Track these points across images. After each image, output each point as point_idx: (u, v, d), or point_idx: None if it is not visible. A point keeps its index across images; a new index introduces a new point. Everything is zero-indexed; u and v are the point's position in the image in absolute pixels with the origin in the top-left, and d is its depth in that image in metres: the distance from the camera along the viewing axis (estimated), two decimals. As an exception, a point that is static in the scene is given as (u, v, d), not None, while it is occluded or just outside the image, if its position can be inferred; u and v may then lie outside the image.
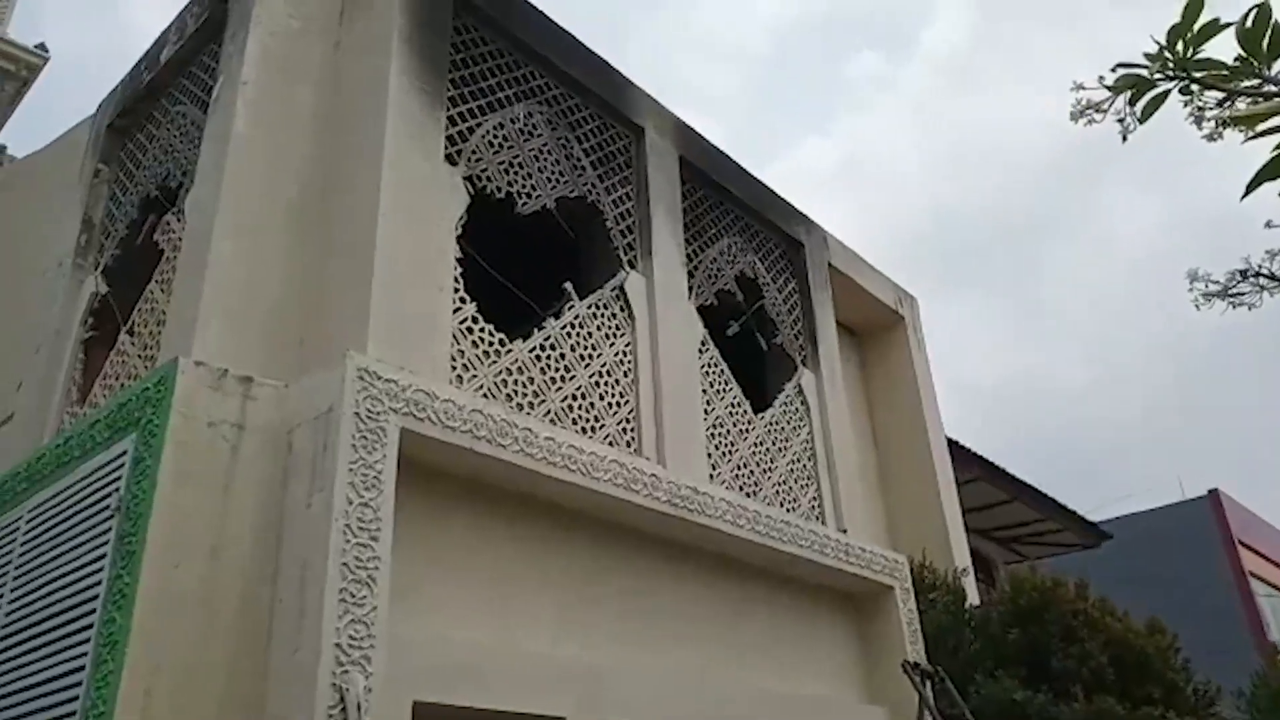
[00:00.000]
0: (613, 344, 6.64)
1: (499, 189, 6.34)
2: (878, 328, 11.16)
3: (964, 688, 7.30)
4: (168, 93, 6.95)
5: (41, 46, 13.50)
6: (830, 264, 9.71)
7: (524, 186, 6.54)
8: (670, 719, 5.65)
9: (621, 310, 6.85)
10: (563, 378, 6.12)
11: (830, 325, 9.14)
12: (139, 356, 5.72)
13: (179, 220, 5.89)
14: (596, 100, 7.41)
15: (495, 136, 6.45)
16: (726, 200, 8.55)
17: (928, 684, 6.92)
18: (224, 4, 6.40)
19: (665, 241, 7.39)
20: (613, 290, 6.84)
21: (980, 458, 12.82)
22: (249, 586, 4.31)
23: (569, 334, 6.33)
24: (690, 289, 7.55)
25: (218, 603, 4.21)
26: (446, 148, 5.98)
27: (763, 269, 8.66)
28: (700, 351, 7.38)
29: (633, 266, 7.08)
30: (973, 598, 9.37)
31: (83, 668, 4.07)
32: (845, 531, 7.71)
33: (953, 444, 11.28)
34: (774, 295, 8.66)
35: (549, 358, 6.09)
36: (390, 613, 4.25)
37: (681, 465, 6.45)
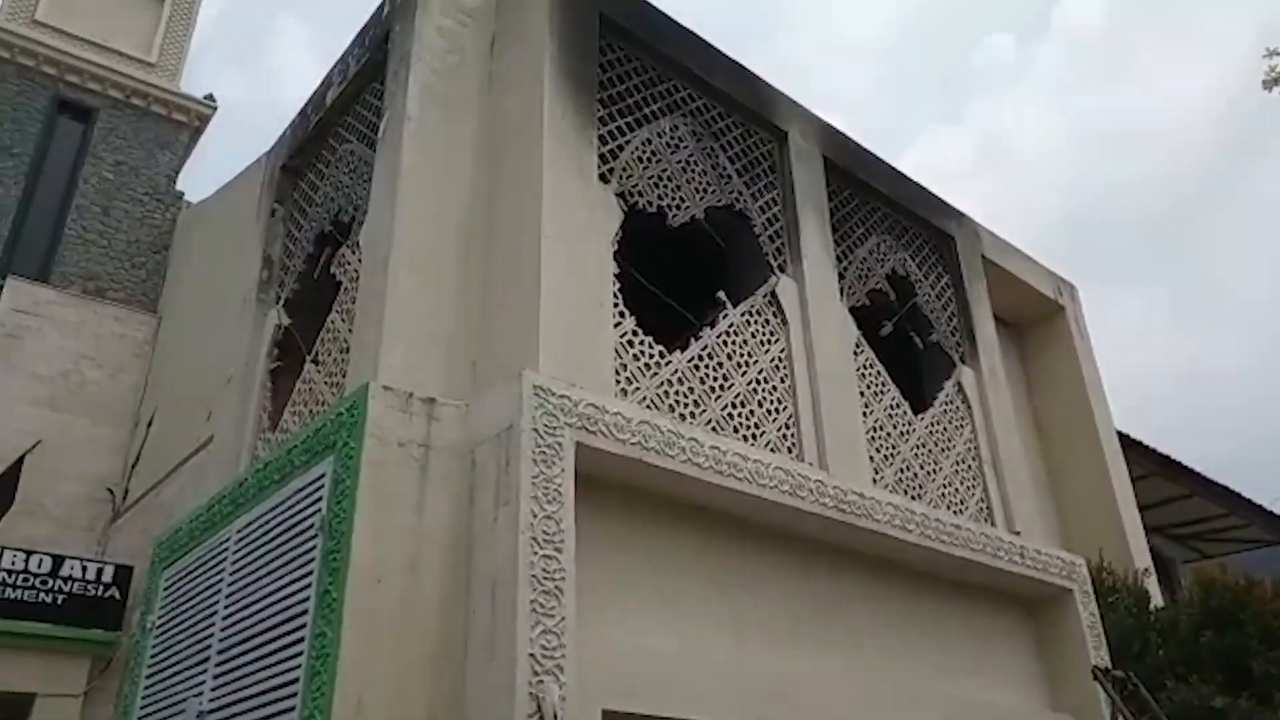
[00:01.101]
0: (768, 350, 6.63)
1: (650, 203, 6.44)
2: (1037, 319, 10.72)
3: (1154, 694, 6.93)
4: (334, 132, 7.37)
5: (210, 97, 14.51)
6: (983, 256, 9.41)
7: (674, 199, 6.62)
8: (852, 727, 5.59)
9: (774, 316, 6.84)
10: (721, 386, 6.16)
11: (987, 319, 8.86)
12: (325, 384, 6.08)
13: (354, 253, 6.23)
14: (740, 108, 7.43)
15: (644, 152, 6.56)
16: (873, 198, 8.42)
17: (1120, 691, 6.60)
18: (384, 45, 6.73)
19: (814, 244, 7.33)
20: (765, 296, 6.84)
21: (1154, 451, 12.12)
22: (445, 599, 4.52)
23: (725, 342, 6.36)
24: (841, 290, 7.47)
25: (417, 615, 4.44)
26: (599, 166, 6.12)
27: (914, 265, 8.47)
28: (855, 353, 7.29)
29: (783, 271, 7.06)
30: (1155, 599, 8.89)
31: (297, 679, 4.36)
32: (1018, 533, 7.45)
33: (1123, 438, 10.72)
34: (927, 292, 8.46)
35: (707, 367, 6.14)
36: (576, 623, 4.38)
37: (844, 470, 6.38)
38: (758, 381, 6.39)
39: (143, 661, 6.10)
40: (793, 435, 6.37)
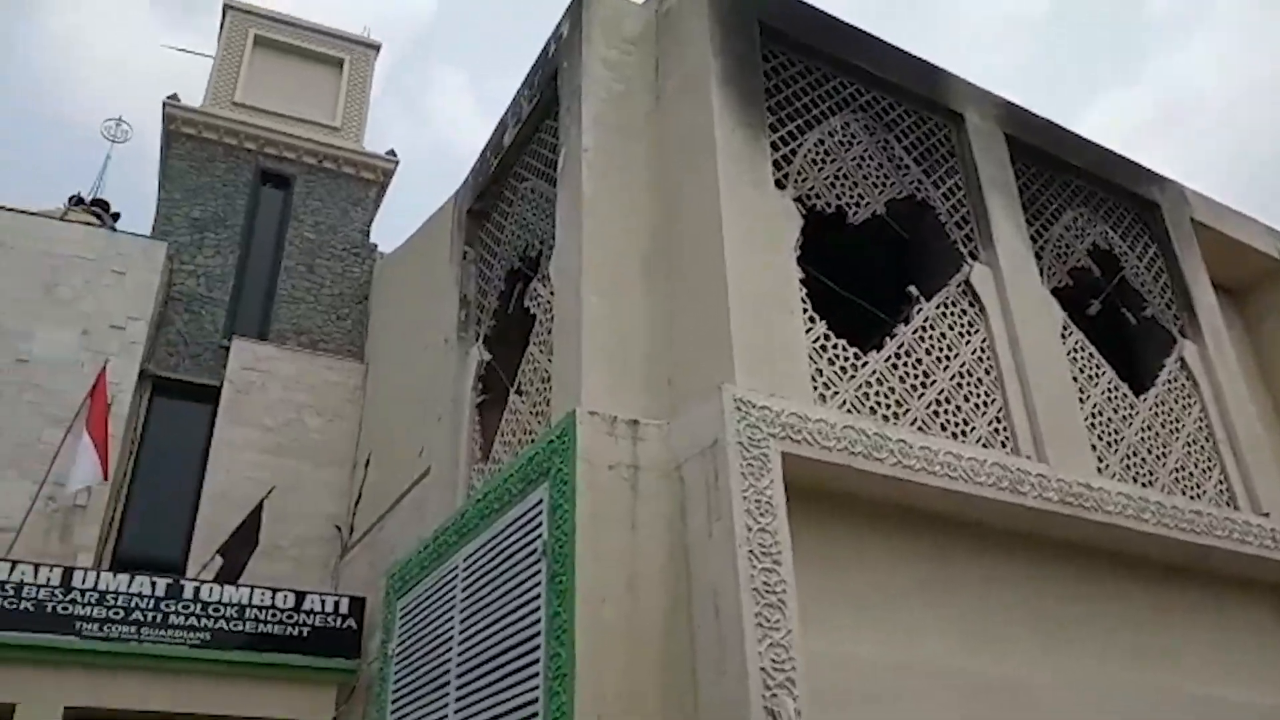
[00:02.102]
0: (968, 341, 6.38)
1: (829, 204, 6.36)
2: (1260, 281, 9.81)
3: None
4: (514, 172, 7.68)
5: (391, 152, 15.48)
6: (1192, 219, 8.71)
7: (852, 197, 6.50)
8: (1099, 732, 5.27)
9: (971, 305, 6.58)
10: (923, 383, 5.97)
11: (1206, 287, 8.20)
12: (530, 413, 6.31)
13: (545, 285, 6.46)
14: (910, 96, 7.23)
15: (817, 153, 6.48)
16: (1064, 172, 7.98)
17: None
18: (554, 83, 6.97)
19: (1005, 226, 7.01)
20: (958, 286, 6.60)
21: None
22: (667, 616, 4.59)
23: (921, 338, 6.17)
24: (1041, 271, 7.10)
25: (642, 633, 4.52)
26: (774, 173, 6.10)
27: (1117, 238, 7.96)
28: (1063, 336, 6.90)
29: (975, 258, 6.79)
30: None
31: (536, 700, 4.52)
32: (1267, 515, 6.82)
33: (1378, 402, 9.63)
34: (1134, 264, 7.93)
35: (906, 365, 5.97)
36: (802, 635, 4.34)
37: (1064, 460, 6.05)
38: (961, 375, 6.16)
39: (387, 687, 6.50)
40: (1005, 428, 6.10)
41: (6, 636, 8.29)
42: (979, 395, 6.17)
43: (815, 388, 5.45)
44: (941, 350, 6.20)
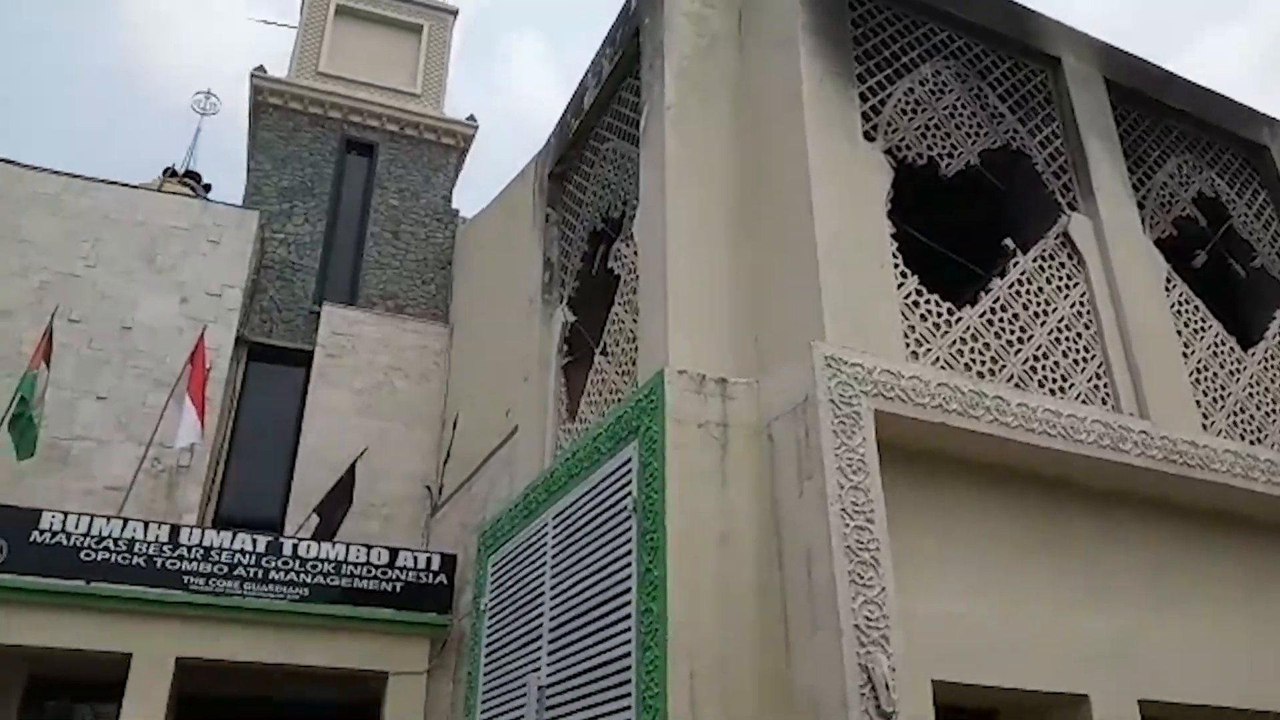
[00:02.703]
0: (1066, 295, 6.17)
1: (920, 155, 6.18)
2: (1382, 228, 9.26)
3: None
4: (596, 133, 7.65)
5: (471, 118, 15.57)
6: (1308, 163, 8.24)
7: (944, 147, 6.31)
8: (1209, 695, 5.12)
9: (1070, 258, 6.35)
10: (1020, 339, 5.80)
11: (1322, 235, 7.77)
12: (616, 373, 6.33)
13: (629, 245, 6.44)
14: (1004, 41, 6.96)
15: (908, 103, 6.30)
16: (1167, 116, 7.61)
17: None
18: (635, 40, 6.90)
19: (1106, 174, 6.73)
20: (1057, 238, 6.37)
21: None
22: (758, 573, 4.59)
23: (1018, 292, 5.98)
24: (1143, 221, 6.82)
25: (733, 588, 4.53)
26: (863, 125, 5.94)
27: (1224, 185, 7.58)
28: (1167, 289, 6.62)
29: (1074, 208, 6.54)
30: None
31: (629, 653, 4.58)
32: (1389, 474, 6.48)
33: None
34: (1243, 212, 7.55)
35: (1002, 320, 5.80)
36: (896, 592, 4.30)
37: (1168, 417, 5.82)
38: (1059, 330, 5.96)
39: (480, 641, 6.66)
40: (1105, 384, 5.90)
41: (121, 590, 8.72)
42: (1078, 350, 5.97)
43: (908, 344, 5.34)
44: (1039, 305, 6.01)
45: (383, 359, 12.76)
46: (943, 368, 5.36)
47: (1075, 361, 5.90)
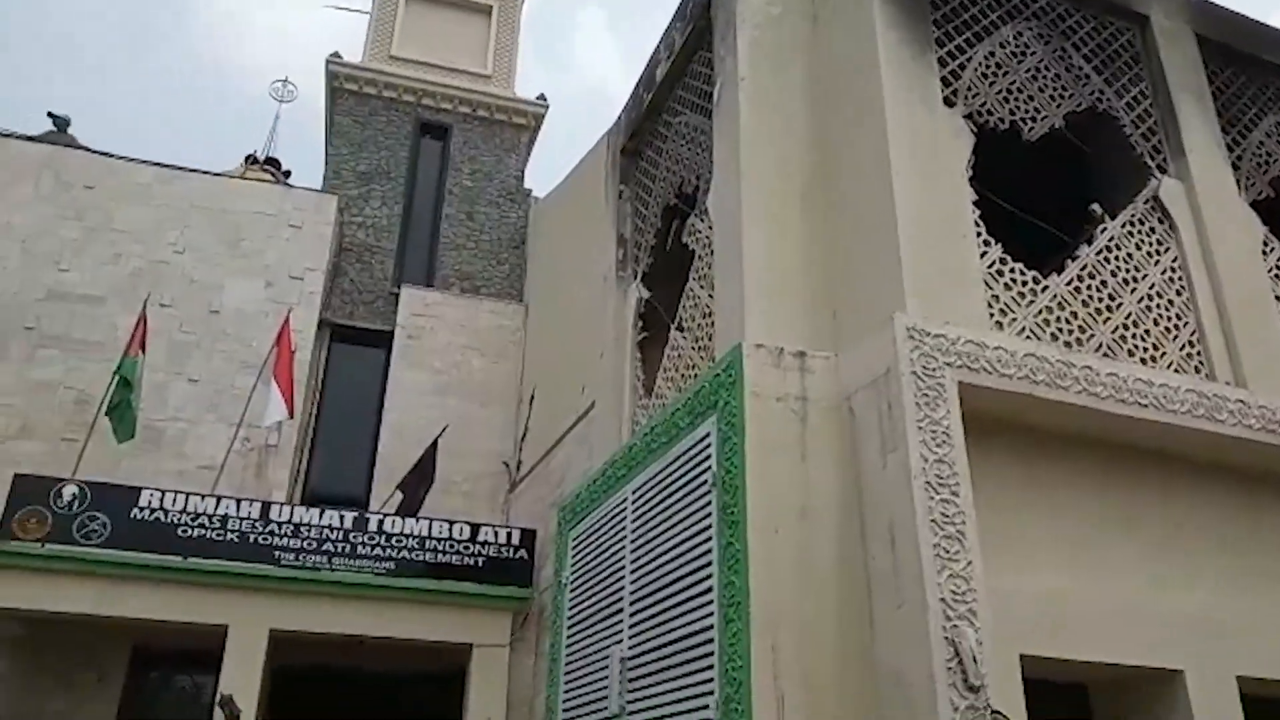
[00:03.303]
0: (1157, 261, 5.96)
1: (1002, 120, 6.01)
2: None
3: None
4: (667, 107, 7.62)
5: (541, 97, 15.65)
6: None
7: (1026, 111, 6.13)
8: (1311, 673, 4.94)
9: (1160, 223, 6.13)
10: (1108, 307, 5.63)
11: None
12: (692, 349, 6.34)
13: (703, 220, 6.42)
14: (1087, 0, 6.71)
15: (988, 66, 6.13)
16: (1264, 72, 7.26)
17: None
18: (707, 12, 6.84)
19: (1198, 135, 6.46)
20: (1146, 202, 6.15)
21: None
22: (840, 547, 4.57)
23: (1106, 259, 5.80)
24: (1238, 183, 6.53)
25: (815, 563, 4.52)
26: (942, 90, 5.80)
27: (1327, 142, 7.21)
28: (1264, 253, 6.35)
29: (1164, 171, 6.30)
30: None
31: (711, 626, 4.61)
32: None
33: None
34: (1350, 170, 7.17)
35: (1090, 288, 5.64)
36: (983, 566, 4.24)
37: (1267, 387, 5.59)
38: (1149, 297, 5.77)
39: (562, 614, 6.77)
40: (1199, 353, 5.69)
41: (217, 564, 9.08)
42: (1170, 318, 5.77)
43: (992, 314, 5.22)
44: (1128, 271, 5.83)
45: (460, 339, 12.98)
46: (1028, 338, 5.23)
47: (1167, 329, 5.71)
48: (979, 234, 5.47)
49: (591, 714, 5.87)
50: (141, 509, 9.18)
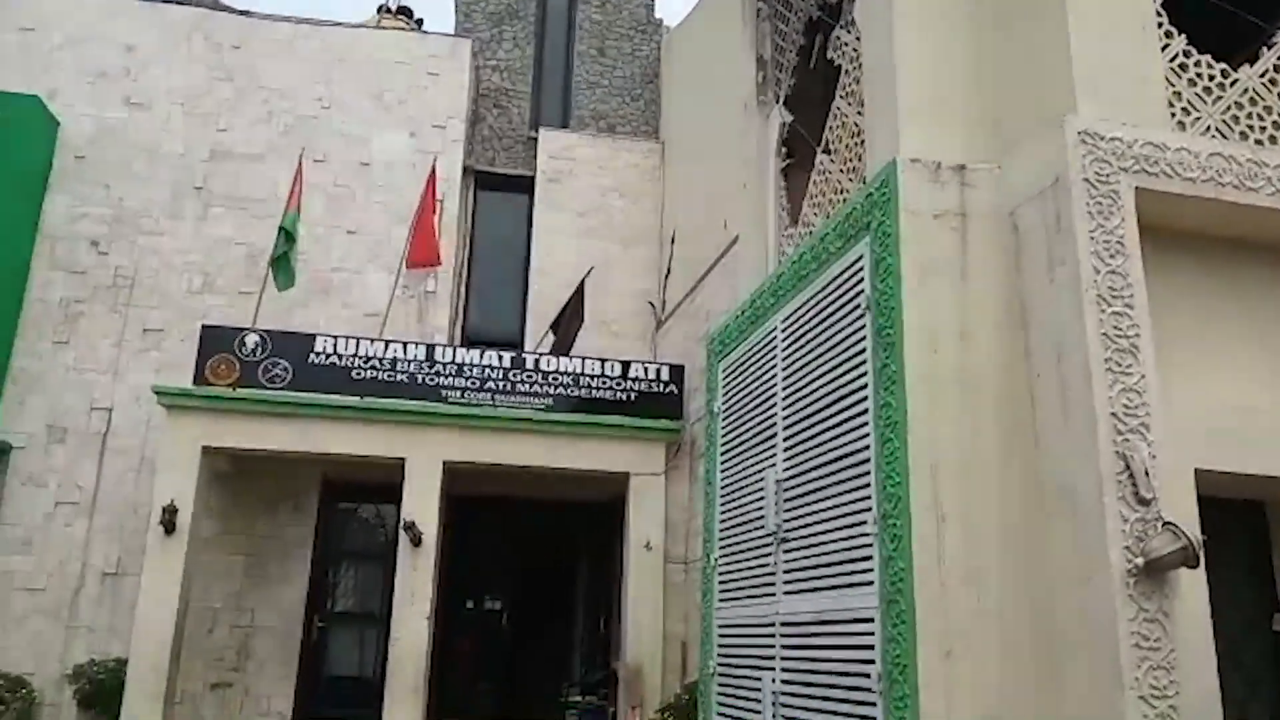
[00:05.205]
0: (1373, 43, 5.28)
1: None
2: None
3: None
4: (807, -88, 7.11)
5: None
6: None
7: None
8: None
9: (1379, -3, 5.40)
10: (1310, 99, 5.07)
11: None
12: (840, 171, 6.13)
13: (850, 31, 6.07)
14: None
15: None
16: None
17: None
18: None
19: None
20: (1363, -25, 5.41)
21: None
22: (1002, 364, 4.46)
23: (1310, 44, 5.18)
24: None
25: (975, 381, 4.44)
26: None
27: None
28: None
29: (1388, -64, 5.50)
30: None
31: (868, 446, 4.64)
32: None
33: None
34: None
35: (1288, 78, 5.07)
36: (1157, 380, 4.07)
37: None
38: (1361, 84, 5.15)
39: (716, 442, 6.95)
40: None
41: (392, 403, 9.71)
42: (1385, 107, 5.15)
43: (1173, 113, 4.79)
44: (1336, 56, 5.19)
45: (600, 181, 12.97)
46: (1214, 137, 4.79)
47: (1381, 120, 5.11)
48: (1160, 24, 4.96)
49: (748, 533, 6.10)
50: (317, 354, 9.83)
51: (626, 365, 10.39)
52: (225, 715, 10.10)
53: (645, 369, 10.41)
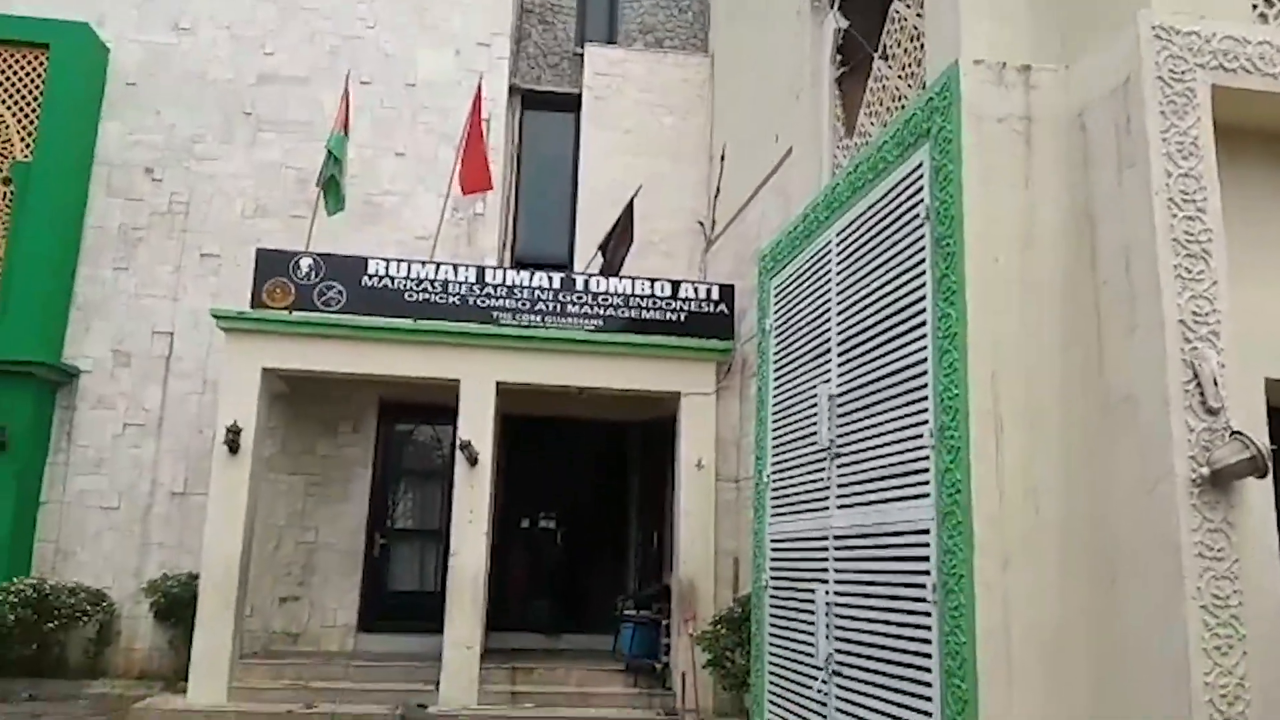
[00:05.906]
0: None
1: None
2: None
3: None
4: None
5: None
6: None
7: None
8: None
9: None
10: (1406, -14, 4.75)
11: None
12: (899, 78, 5.93)
13: (909, -71, 5.81)
14: None
15: None
16: None
17: None
18: None
19: None
20: None
21: None
22: (1066, 272, 4.34)
23: None
24: None
25: (1038, 290, 4.34)
26: None
27: None
28: None
29: None
30: None
31: (925, 359, 4.57)
32: None
33: None
34: None
35: (1384, -36, 4.75)
36: (1229, 287, 3.93)
37: None
38: None
39: (768, 359, 6.91)
40: None
41: (445, 325, 9.79)
42: None
43: (1255, 5, 4.54)
44: None
45: (648, 97, 12.73)
46: (1299, 30, 4.54)
47: None
48: (1245, -92, 4.67)
49: (801, 449, 6.10)
50: (370, 276, 9.91)
51: (676, 285, 10.33)
52: (294, 626, 10.52)
53: (695, 289, 10.35)
